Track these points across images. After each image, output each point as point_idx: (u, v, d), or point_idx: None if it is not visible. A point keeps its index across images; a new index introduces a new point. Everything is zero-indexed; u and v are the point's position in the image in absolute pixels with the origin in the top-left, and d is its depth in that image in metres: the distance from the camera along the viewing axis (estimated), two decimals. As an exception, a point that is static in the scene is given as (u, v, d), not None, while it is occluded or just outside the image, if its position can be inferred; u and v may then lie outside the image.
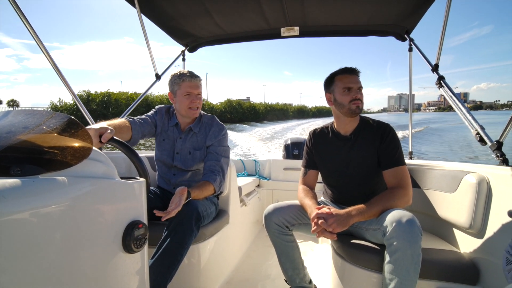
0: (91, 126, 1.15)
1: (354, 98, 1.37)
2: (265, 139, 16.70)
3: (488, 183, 1.30)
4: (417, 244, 1.06)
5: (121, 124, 1.48)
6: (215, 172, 1.58)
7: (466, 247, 1.37)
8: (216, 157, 1.63)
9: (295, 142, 3.48)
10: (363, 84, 1.42)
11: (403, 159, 1.35)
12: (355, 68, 1.43)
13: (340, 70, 1.45)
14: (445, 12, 1.90)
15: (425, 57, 2.12)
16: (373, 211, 1.21)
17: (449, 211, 1.46)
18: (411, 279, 1.06)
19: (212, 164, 1.60)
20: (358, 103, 1.38)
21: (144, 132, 1.63)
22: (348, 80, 1.40)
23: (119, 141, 1.10)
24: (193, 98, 1.60)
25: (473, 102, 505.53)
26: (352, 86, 1.39)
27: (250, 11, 2.21)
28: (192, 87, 1.60)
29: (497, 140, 1.41)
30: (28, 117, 0.76)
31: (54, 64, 1.75)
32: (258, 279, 1.89)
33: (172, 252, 1.25)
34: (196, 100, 1.61)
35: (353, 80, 1.40)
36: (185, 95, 1.59)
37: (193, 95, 1.60)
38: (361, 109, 1.40)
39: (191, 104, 1.60)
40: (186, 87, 1.59)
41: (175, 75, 1.62)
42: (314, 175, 1.58)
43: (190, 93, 1.59)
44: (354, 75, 1.41)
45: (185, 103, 1.60)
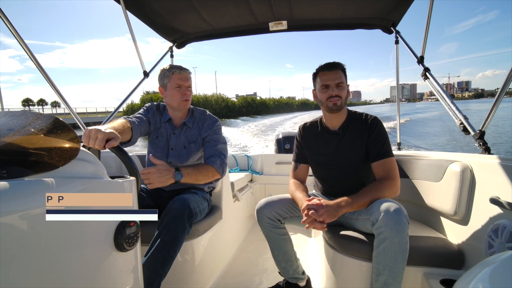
0: (100, 127, 1.10)
1: (330, 95, 1.39)
2: (278, 124, 23.49)
3: (472, 171, 1.34)
4: (404, 233, 1.09)
5: (124, 126, 1.45)
6: (215, 156, 1.58)
7: (452, 234, 1.42)
8: (214, 144, 1.63)
9: (287, 136, 3.49)
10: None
11: (391, 150, 1.38)
12: (334, 63, 1.42)
13: (320, 67, 1.45)
14: (429, 5, 1.93)
15: (411, 49, 2.15)
16: (362, 201, 1.24)
17: (435, 199, 1.50)
18: (399, 266, 1.10)
19: (211, 150, 1.60)
20: (335, 101, 1.39)
21: (141, 131, 1.62)
22: (326, 77, 1.41)
23: (118, 148, 1.09)
24: (184, 90, 1.60)
25: (475, 90, 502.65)
26: (329, 84, 1.39)
27: (237, 6, 2.19)
28: (182, 79, 1.59)
29: (480, 129, 1.46)
30: (12, 119, 0.75)
31: (37, 62, 1.70)
32: (253, 272, 1.92)
33: (165, 249, 1.26)
34: (186, 92, 1.61)
35: (331, 77, 1.40)
36: (176, 87, 1.59)
37: (184, 87, 1.60)
38: (339, 106, 1.39)
39: (182, 96, 1.60)
40: (176, 79, 1.59)
41: (165, 69, 1.62)
42: (305, 169, 1.60)
43: (180, 85, 1.59)
44: (333, 71, 1.41)
45: (176, 95, 1.60)
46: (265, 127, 21.95)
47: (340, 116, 1.47)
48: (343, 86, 1.41)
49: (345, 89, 1.41)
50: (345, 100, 1.42)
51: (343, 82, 1.41)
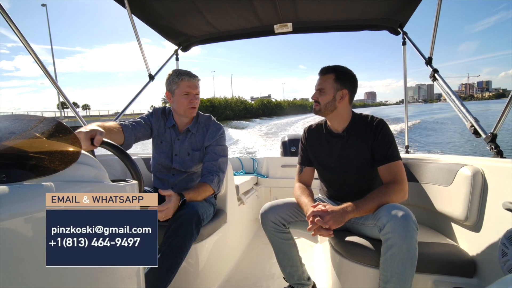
0: (81, 129, 1.13)
1: (313, 99, 1.45)
2: (293, 123, 26.05)
3: (483, 175, 1.30)
4: (412, 239, 1.06)
5: (112, 127, 1.46)
6: (212, 173, 1.58)
7: (463, 240, 1.37)
8: (214, 157, 1.62)
9: (292, 139, 3.47)
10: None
11: (398, 153, 1.34)
12: (325, 68, 1.45)
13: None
14: (437, 5, 1.89)
15: (419, 50, 2.11)
16: (369, 206, 1.21)
17: (445, 204, 1.46)
18: (407, 273, 1.07)
19: (210, 164, 1.60)
20: (315, 105, 1.45)
21: (137, 135, 1.61)
22: (317, 81, 1.46)
23: (111, 144, 1.09)
24: (192, 98, 1.58)
25: (496, 91, 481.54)
26: (316, 88, 1.46)
27: (242, 9, 2.19)
28: (191, 86, 1.58)
29: (491, 132, 1.41)
30: (15, 122, 0.75)
31: (43, 66, 1.72)
32: (258, 277, 1.89)
33: (171, 256, 1.24)
34: (194, 100, 1.59)
35: (317, 82, 1.45)
36: (184, 95, 1.57)
37: (192, 94, 1.58)
38: (317, 111, 1.44)
39: (190, 103, 1.58)
40: (184, 87, 1.57)
41: (173, 74, 1.59)
42: (310, 172, 1.57)
43: (189, 92, 1.57)
44: (324, 76, 1.44)
45: (183, 103, 1.58)
46: (282, 126, 24.48)
47: (343, 118, 1.45)
48: (325, 91, 1.40)
49: (328, 94, 1.40)
50: (329, 105, 1.40)
51: (326, 87, 1.40)
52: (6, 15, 1.51)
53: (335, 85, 1.39)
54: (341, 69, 1.41)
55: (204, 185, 1.52)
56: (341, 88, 1.39)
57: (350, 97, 1.42)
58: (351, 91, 1.42)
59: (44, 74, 1.75)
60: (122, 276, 0.80)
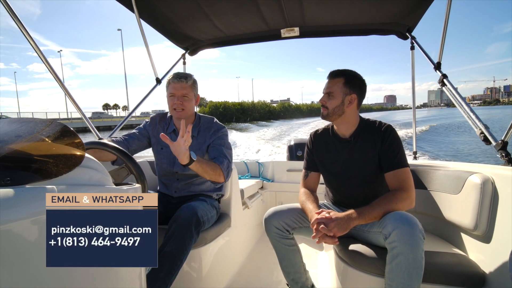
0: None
1: (321, 102, 1.42)
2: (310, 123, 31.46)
3: (493, 184, 1.26)
4: (419, 248, 1.03)
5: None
6: (221, 157, 1.57)
7: (472, 250, 1.33)
8: (219, 148, 1.62)
9: (299, 143, 3.45)
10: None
11: (406, 160, 1.32)
12: (333, 72, 1.43)
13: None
14: (446, 9, 1.87)
15: (428, 55, 2.08)
16: (374, 214, 1.19)
17: (453, 212, 1.42)
18: (413, 284, 1.04)
19: (216, 153, 1.59)
20: (322, 110, 1.42)
21: (131, 148, 1.63)
22: (325, 85, 1.44)
23: (114, 146, 1.10)
24: (175, 100, 1.59)
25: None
26: (324, 92, 1.43)
27: (249, 13, 2.20)
28: (176, 88, 1.59)
29: (502, 139, 1.38)
30: (22, 125, 0.76)
31: (52, 70, 1.74)
32: (262, 283, 1.87)
33: (171, 257, 1.24)
34: (177, 102, 1.59)
35: (326, 86, 1.43)
36: (170, 96, 1.60)
37: (176, 96, 1.59)
38: (325, 115, 1.41)
39: (173, 105, 1.60)
40: (171, 89, 1.60)
41: (169, 78, 1.64)
42: (316, 177, 1.56)
43: (173, 94, 1.59)
44: (332, 80, 1.41)
45: (169, 104, 1.62)
46: (303, 124, 31.47)
47: (351, 123, 1.43)
48: (334, 95, 1.38)
49: (336, 99, 1.37)
50: (337, 109, 1.38)
51: (335, 91, 1.38)
52: (19, 22, 1.54)
53: (344, 89, 1.38)
54: (350, 73, 1.40)
55: (215, 164, 1.51)
56: (350, 92, 1.38)
57: (358, 102, 1.41)
58: (359, 96, 1.41)
59: (51, 73, 1.76)
60: (124, 278, 0.80)
